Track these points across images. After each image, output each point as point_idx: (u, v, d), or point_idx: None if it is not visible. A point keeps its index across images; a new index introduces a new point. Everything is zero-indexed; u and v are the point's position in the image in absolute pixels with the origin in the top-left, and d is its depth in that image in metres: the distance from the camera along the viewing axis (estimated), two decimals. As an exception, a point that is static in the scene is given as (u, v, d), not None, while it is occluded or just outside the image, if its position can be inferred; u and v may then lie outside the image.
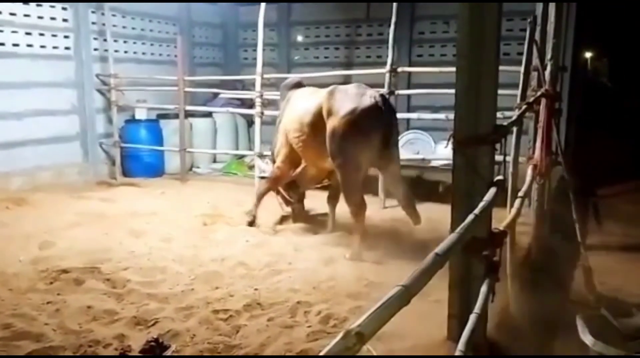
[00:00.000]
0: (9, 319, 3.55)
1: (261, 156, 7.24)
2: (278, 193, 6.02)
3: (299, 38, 11.12)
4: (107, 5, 8.42)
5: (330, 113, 4.84)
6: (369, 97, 4.80)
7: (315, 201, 6.49)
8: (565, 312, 3.88)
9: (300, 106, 5.34)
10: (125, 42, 9.27)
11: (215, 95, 9.99)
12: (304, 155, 5.39)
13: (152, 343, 3.24)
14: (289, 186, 5.92)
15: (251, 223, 5.76)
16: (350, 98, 4.82)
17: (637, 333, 3.09)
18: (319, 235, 5.54)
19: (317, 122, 4.98)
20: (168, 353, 3.18)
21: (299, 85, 5.97)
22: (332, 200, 5.65)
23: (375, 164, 5.03)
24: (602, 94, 19.15)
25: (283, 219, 6.04)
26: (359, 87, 5.00)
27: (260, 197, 5.85)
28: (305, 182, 5.82)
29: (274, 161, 5.85)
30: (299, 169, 5.62)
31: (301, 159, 5.52)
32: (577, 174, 5.94)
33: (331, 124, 4.80)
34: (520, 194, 3.40)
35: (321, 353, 1.09)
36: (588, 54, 18.70)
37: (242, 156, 9.73)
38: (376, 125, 4.77)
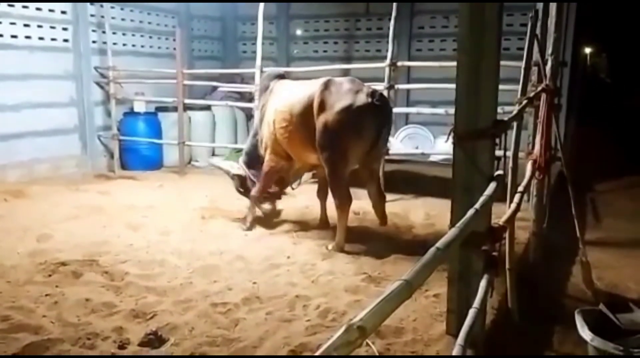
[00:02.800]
0: (7, 311, 3.54)
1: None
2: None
3: (298, 32, 11.10)
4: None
5: (323, 107, 4.73)
6: (365, 94, 4.70)
7: (311, 196, 6.49)
8: (564, 307, 3.90)
9: (288, 96, 5.14)
10: (124, 34, 9.23)
11: (214, 88, 9.96)
12: (290, 147, 5.19)
13: (151, 336, 3.24)
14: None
15: (249, 230, 5.50)
16: (346, 94, 4.71)
17: (636, 329, 3.11)
18: (316, 229, 5.53)
19: (307, 113, 4.84)
20: (167, 346, 3.18)
21: (281, 77, 5.76)
22: (322, 193, 5.59)
23: (361, 160, 4.92)
24: (601, 90, 19.18)
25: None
26: (353, 82, 4.87)
27: (256, 202, 5.57)
28: (291, 175, 5.65)
29: (248, 163, 5.69)
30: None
31: (285, 152, 5.30)
32: (575, 169, 5.95)
33: (324, 118, 4.70)
34: (520, 189, 3.39)
35: (324, 347, 1.09)
36: (587, 50, 18.70)
37: (240, 150, 9.67)
38: (369, 124, 4.70)
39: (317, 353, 1.07)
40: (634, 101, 16.39)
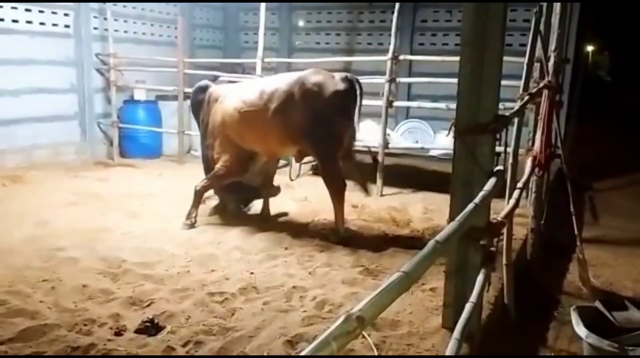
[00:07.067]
0: (4, 296, 3.55)
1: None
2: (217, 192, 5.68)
3: (301, 23, 11.06)
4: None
5: (309, 97, 4.76)
6: (342, 79, 4.85)
7: (309, 188, 6.50)
8: (560, 304, 3.92)
9: (250, 95, 5.02)
10: (125, 21, 9.19)
11: (215, 78, 9.91)
12: (263, 145, 5.11)
13: (147, 324, 3.24)
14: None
15: (192, 226, 5.27)
16: (328, 81, 4.82)
17: (631, 327, 3.12)
18: (314, 221, 5.53)
19: (285, 108, 4.81)
20: (163, 333, 3.18)
21: (209, 86, 5.64)
22: (266, 189, 5.61)
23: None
24: (601, 88, 19.19)
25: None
26: (322, 72, 4.96)
27: (200, 196, 5.40)
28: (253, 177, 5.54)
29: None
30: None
31: (246, 152, 5.24)
32: (574, 167, 5.96)
33: (312, 108, 4.74)
34: (519, 185, 3.40)
35: (323, 336, 1.09)
36: (589, 48, 18.66)
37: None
38: (353, 105, 4.85)
39: (315, 343, 1.07)
40: (634, 99, 16.41)
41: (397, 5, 6.65)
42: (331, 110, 4.74)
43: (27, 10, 7.61)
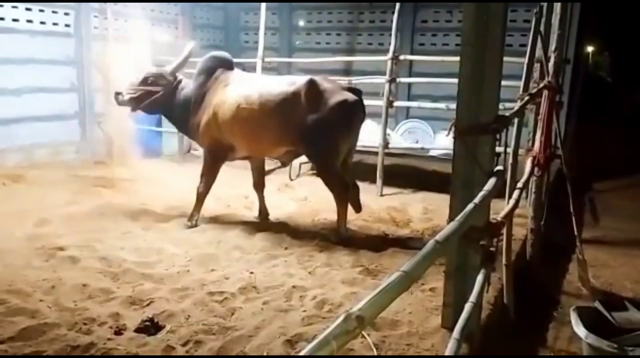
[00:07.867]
0: (4, 295, 3.55)
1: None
2: None
3: (301, 23, 11.05)
4: (108, -17, 8.34)
5: (314, 104, 4.77)
6: (349, 91, 4.91)
7: (309, 187, 6.50)
8: (560, 304, 3.92)
9: (253, 91, 4.98)
10: (125, 21, 9.19)
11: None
12: (254, 143, 5.10)
13: (147, 323, 3.25)
14: None
15: (192, 227, 5.24)
16: (336, 91, 4.85)
17: (631, 327, 3.12)
18: (314, 221, 5.53)
19: (287, 111, 4.83)
20: (163, 332, 3.19)
21: (228, 64, 5.44)
22: (259, 185, 5.61)
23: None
24: (602, 88, 19.16)
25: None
26: (331, 81, 5.05)
27: (203, 198, 5.35)
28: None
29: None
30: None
31: (229, 143, 5.20)
32: (574, 167, 5.96)
33: (316, 114, 4.75)
34: (519, 185, 3.40)
35: (322, 335, 1.09)
36: (590, 48, 18.64)
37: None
38: (357, 118, 4.92)
39: (315, 342, 1.07)
40: (634, 100, 16.41)
41: (397, 5, 6.65)
42: (335, 118, 4.74)
43: (28, 9, 7.61)
